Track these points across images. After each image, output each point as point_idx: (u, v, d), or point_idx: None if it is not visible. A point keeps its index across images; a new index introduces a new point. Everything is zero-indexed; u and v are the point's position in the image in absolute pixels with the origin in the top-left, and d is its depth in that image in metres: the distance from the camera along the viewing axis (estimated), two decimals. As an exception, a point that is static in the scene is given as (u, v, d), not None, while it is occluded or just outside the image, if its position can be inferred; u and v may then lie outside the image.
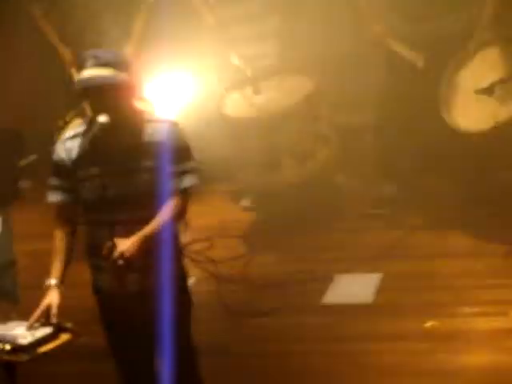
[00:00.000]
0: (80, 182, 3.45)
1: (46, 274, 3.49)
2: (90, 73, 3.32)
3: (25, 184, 8.52)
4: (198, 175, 3.48)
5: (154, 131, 3.43)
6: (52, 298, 3.41)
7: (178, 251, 3.59)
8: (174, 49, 6.18)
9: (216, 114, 6.59)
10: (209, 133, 6.80)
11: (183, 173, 3.43)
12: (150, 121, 3.48)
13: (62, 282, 3.47)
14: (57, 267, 3.48)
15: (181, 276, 3.57)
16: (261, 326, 5.17)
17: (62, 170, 3.50)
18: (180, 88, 6.85)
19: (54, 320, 3.38)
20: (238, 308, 5.37)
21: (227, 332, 5.17)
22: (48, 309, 3.39)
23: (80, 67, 3.36)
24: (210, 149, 6.43)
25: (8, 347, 3.24)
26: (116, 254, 3.27)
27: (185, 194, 3.46)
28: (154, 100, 6.12)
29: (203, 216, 6.42)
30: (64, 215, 3.55)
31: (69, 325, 3.41)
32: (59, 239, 3.52)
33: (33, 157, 7.60)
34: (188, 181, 3.45)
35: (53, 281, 3.45)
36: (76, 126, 3.61)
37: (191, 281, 4.02)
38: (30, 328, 3.35)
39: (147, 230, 3.35)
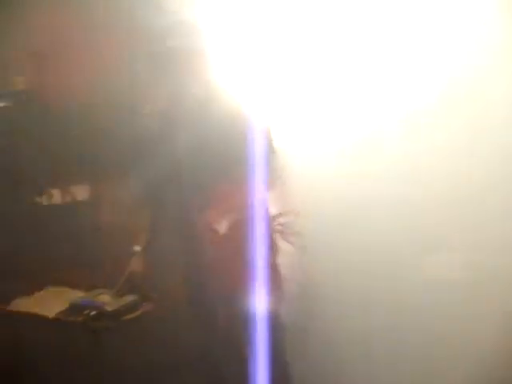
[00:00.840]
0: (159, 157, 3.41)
1: (132, 241, 3.47)
2: (172, 42, 3.29)
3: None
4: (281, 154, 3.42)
5: (234, 108, 3.37)
6: (137, 266, 3.39)
7: (269, 227, 3.52)
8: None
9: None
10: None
11: (269, 151, 3.36)
12: (229, 98, 3.41)
13: (148, 250, 3.44)
14: (143, 235, 3.45)
15: (272, 251, 3.51)
16: (345, 302, 5.10)
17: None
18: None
19: (138, 288, 3.37)
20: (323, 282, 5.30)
21: (311, 307, 5.11)
22: (133, 276, 3.37)
23: (162, 36, 3.33)
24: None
25: (93, 313, 3.25)
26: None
27: (273, 173, 3.40)
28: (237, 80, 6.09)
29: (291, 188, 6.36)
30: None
31: (153, 294, 3.40)
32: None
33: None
34: (275, 159, 3.39)
35: (138, 248, 3.43)
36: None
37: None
38: (115, 295, 3.35)
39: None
